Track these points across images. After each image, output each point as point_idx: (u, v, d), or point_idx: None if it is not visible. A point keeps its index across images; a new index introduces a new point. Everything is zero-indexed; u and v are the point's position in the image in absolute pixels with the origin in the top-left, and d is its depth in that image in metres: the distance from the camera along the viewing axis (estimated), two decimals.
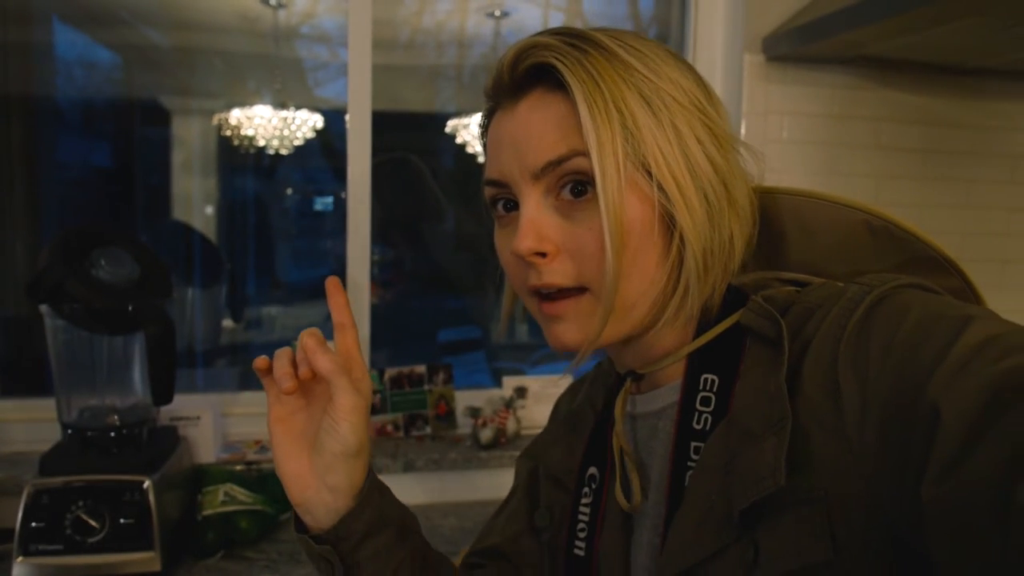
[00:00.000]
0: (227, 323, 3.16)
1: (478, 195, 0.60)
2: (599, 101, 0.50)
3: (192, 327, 2.68)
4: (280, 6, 2.83)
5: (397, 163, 2.34)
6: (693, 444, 0.54)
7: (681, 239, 0.52)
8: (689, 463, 0.54)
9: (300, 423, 0.60)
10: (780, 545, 0.47)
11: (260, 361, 0.60)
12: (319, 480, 0.58)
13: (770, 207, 0.61)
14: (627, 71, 0.52)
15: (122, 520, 1.07)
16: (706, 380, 0.55)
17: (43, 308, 1.10)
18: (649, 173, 0.51)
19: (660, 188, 0.51)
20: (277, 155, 3.17)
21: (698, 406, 0.55)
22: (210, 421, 1.33)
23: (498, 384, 1.59)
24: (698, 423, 0.54)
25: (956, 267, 0.55)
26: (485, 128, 0.60)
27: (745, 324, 0.54)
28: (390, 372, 1.50)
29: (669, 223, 0.53)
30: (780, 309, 0.53)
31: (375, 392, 1.48)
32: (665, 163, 0.51)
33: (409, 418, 1.51)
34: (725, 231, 0.53)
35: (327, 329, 0.62)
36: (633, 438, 0.62)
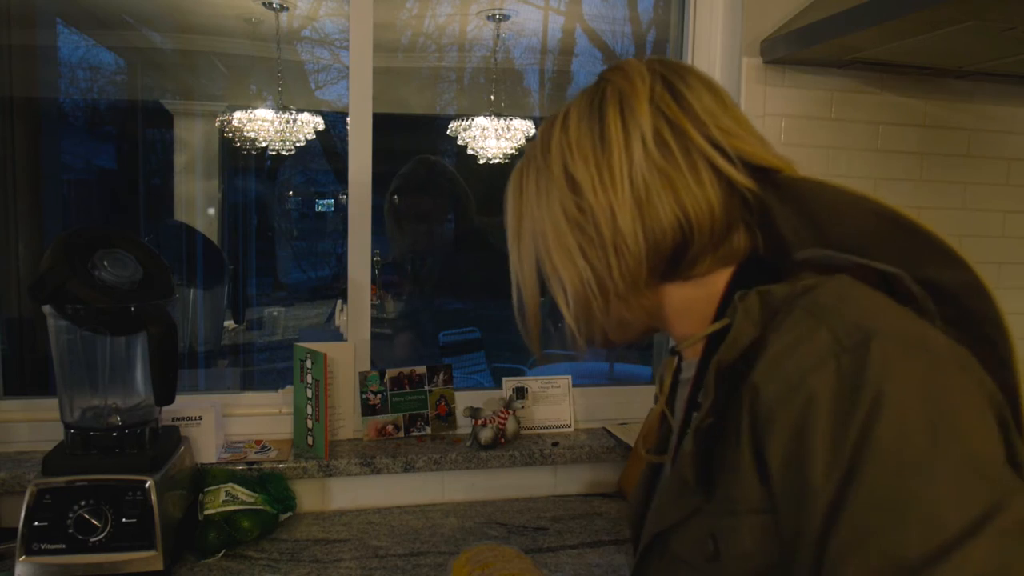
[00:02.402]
0: (229, 324, 3.17)
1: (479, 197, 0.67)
2: (514, 194, 0.70)
3: (194, 328, 2.69)
4: (282, 9, 2.84)
5: (428, 165, 2.33)
6: (694, 414, 0.60)
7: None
8: (687, 431, 0.61)
9: None
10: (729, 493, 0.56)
11: None
12: None
13: (802, 196, 0.63)
14: (543, 157, 0.67)
15: (124, 519, 1.08)
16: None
17: (46, 309, 1.11)
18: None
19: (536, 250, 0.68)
20: (279, 157, 3.18)
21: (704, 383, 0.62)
22: (212, 421, 1.34)
23: (498, 385, 1.60)
24: (700, 398, 0.61)
25: (957, 257, 0.56)
26: None
27: (730, 321, 0.58)
28: (391, 373, 1.51)
29: None
30: (772, 307, 0.56)
31: (376, 393, 1.50)
32: (541, 233, 0.67)
33: (409, 418, 1.52)
34: (599, 268, 0.64)
35: (327, 331, 0.65)
36: (674, 401, 0.73)
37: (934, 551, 0.41)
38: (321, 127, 3.05)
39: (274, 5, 2.78)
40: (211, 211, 3.33)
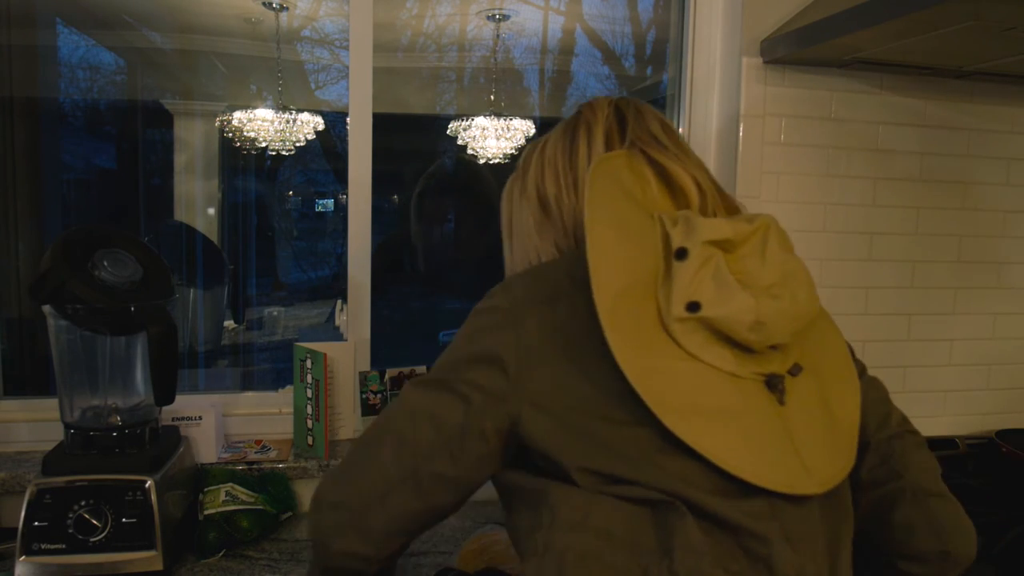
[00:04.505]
0: (229, 324, 3.18)
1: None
2: (507, 200, 0.89)
3: (194, 328, 2.70)
4: (282, 9, 2.84)
5: (462, 165, 2.33)
6: None
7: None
8: None
9: None
10: None
11: None
12: None
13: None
14: (523, 175, 0.86)
15: (124, 519, 1.08)
16: None
17: (46, 309, 1.11)
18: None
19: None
20: (279, 157, 3.17)
21: None
22: (212, 421, 1.34)
23: None
24: None
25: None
26: None
27: None
28: (391, 372, 1.51)
29: None
30: None
31: (376, 393, 1.49)
32: (524, 230, 0.85)
33: None
34: (550, 243, 0.83)
35: (327, 331, 0.66)
36: None
37: (419, 380, 0.75)
38: (321, 127, 3.05)
39: (274, 5, 2.78)
40: (211, 211, 3.33)
